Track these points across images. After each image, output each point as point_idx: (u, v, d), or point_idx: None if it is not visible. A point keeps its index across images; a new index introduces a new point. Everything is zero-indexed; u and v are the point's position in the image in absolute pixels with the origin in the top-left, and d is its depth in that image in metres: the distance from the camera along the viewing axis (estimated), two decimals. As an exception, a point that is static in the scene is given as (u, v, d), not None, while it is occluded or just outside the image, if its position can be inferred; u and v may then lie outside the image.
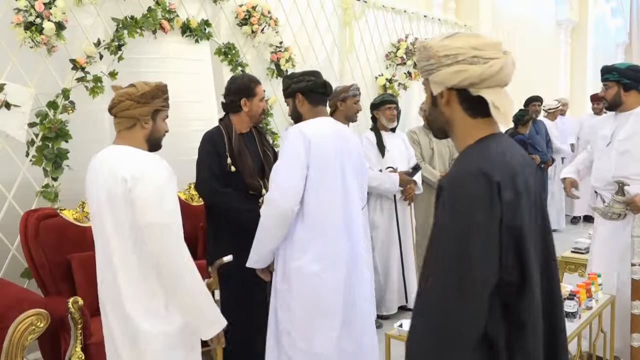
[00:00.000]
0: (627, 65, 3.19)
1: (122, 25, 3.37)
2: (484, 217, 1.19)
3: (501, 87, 1.32)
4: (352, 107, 3.98)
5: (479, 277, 1.20)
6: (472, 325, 1.21)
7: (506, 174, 1.24)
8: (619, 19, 12.09)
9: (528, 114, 6.26)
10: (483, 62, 1.28)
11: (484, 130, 1.34)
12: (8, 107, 2.96)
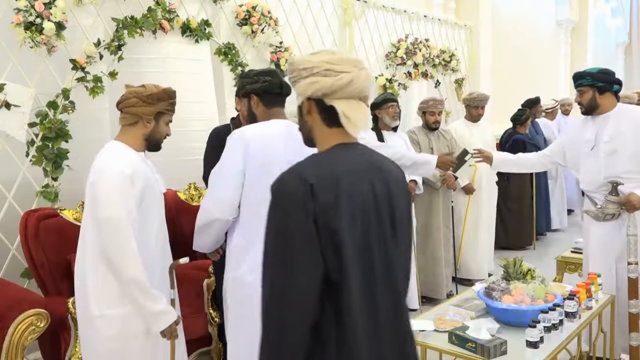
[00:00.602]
0: (597, 69, 3.26)
1: (122, 25, 3.38)
2: (299, 214, 1.31)
3: (355, 99, 1.44)
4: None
5: (300, 269, 1.30)
6: (299, 317, 1.32)
7: (326, 178, 1.35)
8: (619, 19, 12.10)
9: (525, 114, 6.26)
10: (334, 75, 1.40)
11: (337, 139, 1.46)
12: (8, 107, 2.96)
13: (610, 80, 3.20)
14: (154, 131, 2.28)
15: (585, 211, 3.31)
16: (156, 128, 2.28)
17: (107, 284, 2.16)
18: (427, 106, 4.74)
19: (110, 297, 2.16)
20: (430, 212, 4.68)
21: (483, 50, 6.95)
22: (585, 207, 3.32)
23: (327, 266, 1.33)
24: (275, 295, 1.34)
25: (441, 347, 2.48)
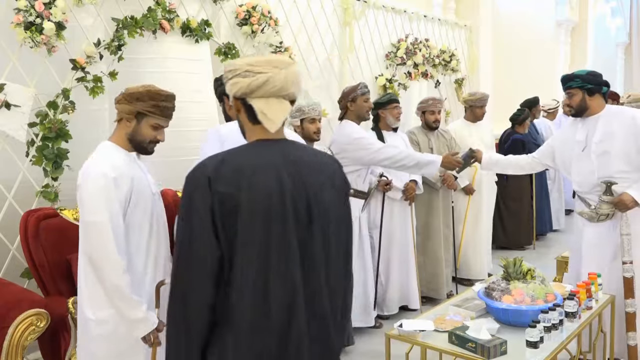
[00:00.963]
0: (586, 71, 3.28)
1: (122, 25, 3.37)
2: (198, 203, 1.45)
3: (275, 97, 1.56)
4: (363, 105, 4.01)
5: (196, 254, 1.46)
6: (198, 297, 1.46)
7: (227, 172, 1.48)
8: (618, 19, 12.10)
9: (524, 114, 6.26)
10: (252, 75, 1.53)
11: (259, 135, 1.59)
12: (8, 107, 2.96)
13: (599, 82, 3.23)
14: (134, 132, 2.27)
15: (579, 213, 3.31)
16: (137, 129, 2.27)
17: (96, 285, 2.18)
18: (427, 105, 4.74)
19: (100, 299, 2.18)
20: (431, 212, 4.68)
21: (483, 50, 6.95)
22: (579, 209, 3.33)
23: (222, 254, 1.46)
24: (178, 276, 1.48)
25: (441, 347, 2.48)
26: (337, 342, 1.65)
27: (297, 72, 1.60)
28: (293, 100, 1.62)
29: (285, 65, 1.58)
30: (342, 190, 1.64)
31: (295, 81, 1.59)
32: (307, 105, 3.63)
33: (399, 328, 2.57)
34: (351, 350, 3.84)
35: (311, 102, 3.68)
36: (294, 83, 1.58)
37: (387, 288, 4.37)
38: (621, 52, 12.42)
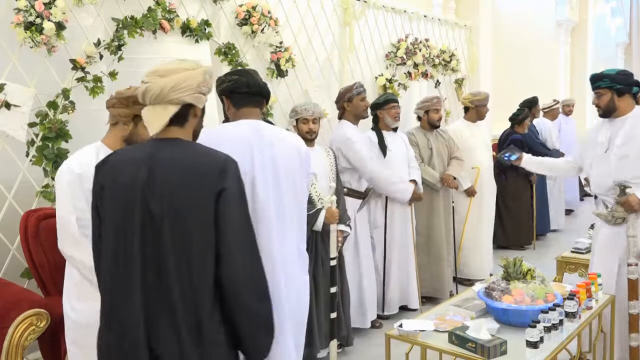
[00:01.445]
0: (616, 70, 3.20)
1: (122, 25, 3.37)
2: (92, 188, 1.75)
3: (154, 104, 1.73)
4: (359, 104, 4.03)
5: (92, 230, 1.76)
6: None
7: (107, 165, 1.72)
8: (619, 19, 12.10)
9: (523, 114, 6.26)
10: (142, 85, 1.74)
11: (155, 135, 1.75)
12: (8, 107, 2.96)
13: (629, 82, 3.13)
14: (132, 134, 2.33)
15: (596, 214, 3.29)
16: (135, 131, 2.33)
17: (70, 278, 2.30)
18: (432, 104, 4.74)
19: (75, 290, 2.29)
20: (432, 212, 4.68)
21: (483, 50, 6.95)
22: (596, 211, 3.31)
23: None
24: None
25: (441, 347, 2.48)
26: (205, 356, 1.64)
27: (181, 77, 1.72)
28: (183, 103, 1.73)
29: (169, 72, 1.73)
30: (211, 191, 1.65)
31: (177, 87, 1.71)
32: (299, 106, 3.63)
33: (399, 328, 2.57)
34: (351, 350, 3.84)
35: (305, 103, 3.67)
36: (173, 89, 1.71)
37: (387, 288, 4.37)
38: (621, 52, 12.42)
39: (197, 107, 1.82)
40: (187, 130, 1.80)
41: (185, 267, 1.63)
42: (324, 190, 3.52)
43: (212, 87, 1.87)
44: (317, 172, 3.56)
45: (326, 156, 3.72)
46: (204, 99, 1.83)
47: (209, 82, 1.84)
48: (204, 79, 1.80)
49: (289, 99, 4.45)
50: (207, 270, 1.64)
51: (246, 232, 1.71)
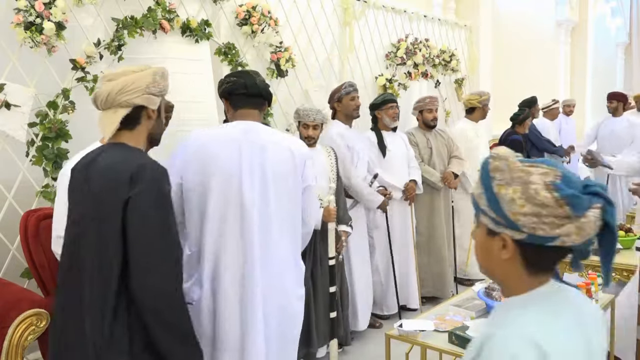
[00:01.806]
0: None
1: (122, 25, 3.37)
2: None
3: (105, 109, 1.80)
4: (349, 104, 4.03)
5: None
6: None
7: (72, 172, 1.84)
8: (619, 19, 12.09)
9: (524, 114, 6.27)
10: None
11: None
12: (8, 107, 2.96)
13: None
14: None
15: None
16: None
17: None
18: (425, 104, 4.75)
19: None
20: (433, 212, 4.69)
21: (483, 50, 6.95)
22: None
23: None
24: None
25: (441, 347, 2.48)
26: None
27: (129, 79, 1.75)
28: (133, 105, 1.77)
29: (117, 76, 1.77)
30: (120, 198, 1.65)
31: (125, 89, 1.74)
32: (302, 110, 3.61)
33: (399, 328, 2.57)
34: (351, 350, 3.84)
35: (309, 108, 3.62)
36: (121, 92, 1.74)
37: (387, 288, 4.37)
38: (621, 52, 12.41)
39: (150, 108, 1.82)
40: (138, 134, 1.82)
41: (97, 274, 1.65)
42: (323, 191, 3.52)
43: (165, 88, 1.87)
44: (317, 173, 3.56)
45: (327, 156, 3.72)
46: (156, 100, 1.83)
47: (161, 83, 1.83)
48: (154, 80, 1.81)
49: (289, 99, 4.45)
50: (112, 279, 1.64)
51: (158, 242, 1.66)
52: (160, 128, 1.92)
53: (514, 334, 1.05)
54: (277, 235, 2.18)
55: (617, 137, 6.47)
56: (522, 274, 1.13)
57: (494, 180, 1.12)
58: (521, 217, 1.07)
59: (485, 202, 1.13)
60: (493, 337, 1.07)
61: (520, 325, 1.07)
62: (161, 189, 1.69)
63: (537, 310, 1.09)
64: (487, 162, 1.15)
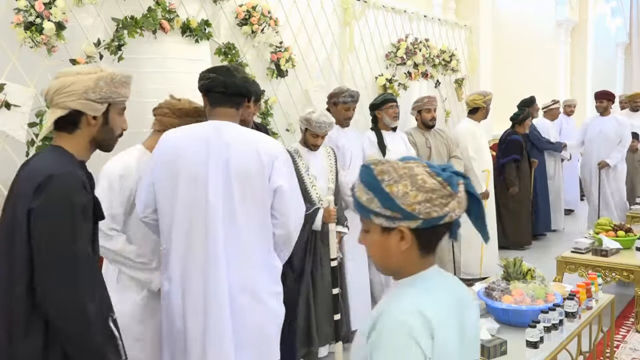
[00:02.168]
0: None
1: (122, 25, 3.37)
2: None
3: (49, 109, 1.78)
4: (341, 112, 4.02)
5: None
6: None
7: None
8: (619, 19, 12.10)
9: (523, 114, 6.27)
10: None
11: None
12: (8, 107, 2.96)
13: None
14: None
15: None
16: None
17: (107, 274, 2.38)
18: (423, 104, 4.75)
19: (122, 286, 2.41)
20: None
21: (483, 50, 6.95)
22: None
23: None
24: None
25: (441, 347, 2.48)
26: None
27: (68, 80, 1.71)
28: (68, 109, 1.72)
29: (62, 75, 1.74)
30: (25, 208, 1.62)
31: (61, 91, 1.71)
32: (316, 121, 3.46)
33: (399, 328, 2.56)
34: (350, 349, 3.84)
35: (323, 122, 3.49)
36: (57, 92, 1.72)
37: (387, 288, 4.37)
38: (621, 52, 12.42)
39: (89, 115, 1.74)
40: (77, 138, 1.76)
41: (4, 281, 1.63)
42: (322, 191, 3.52)
43: (113, 95, 1.77)
44: (316, 173, 3.57)
45: (326, 156, 3.71)
46: (96, 106, 1.74)
47: (105, 89, 1.74)
48: (96, 85, 1.72)
49: (289, 99, 4.45)
50: (20, 289, 1.61)
51: (61, 256, 1.61)
52: (108, 134, 1.82)
53: (403, 306, 1.22)
54: (245, 234, 2.18)
55: (605, 137, 6.45)
56: (417, 258, 1.29)
57: (383, 182, 1.24)
58: (417, 206, 1.22)
59: (378, 204, 1.24)
60: (385, 312, 1.22)
61: (409, 298, 1.25)
62: (67, 201, 1.62)
63: (423, 287, 1.28)
64: (369, 169, 1.27)
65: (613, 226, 4.31)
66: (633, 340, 3.89)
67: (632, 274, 3.84)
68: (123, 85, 1.82)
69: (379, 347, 1.19)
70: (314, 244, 3.45)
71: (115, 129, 1.85)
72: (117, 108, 1.83)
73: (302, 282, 3.42)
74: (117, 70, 1.83)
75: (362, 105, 5.04)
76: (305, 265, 3.42)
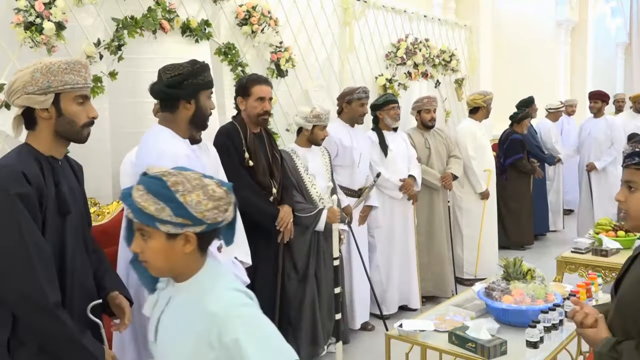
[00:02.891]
0: None
1: (122, 25, 3.37)
2: None
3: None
4: (357, 110, 4.04)
5: None
6: None
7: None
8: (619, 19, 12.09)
9: (522, 113, 6.27)
10: None
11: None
12: (8, 107, 2.96)
13: None
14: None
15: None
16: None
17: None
18: (422, 104, 4.76)
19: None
20: (432, 212, 4.69)
21: (483, 50, 6.95)
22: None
23: None
24: None
25: (441, 347, 2.48)
26: None
27: (12, 79, 1.73)
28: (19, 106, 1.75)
29: (15, 74, 1.74)
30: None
31: (9, 90, 1.74)
32: (324, 114, 3.57)
33: (399, 328, 2.57)
34: (351, 350, 3.84)
35: (327, 110, 3.63)
36: (7, 93, 1.75)
37: (387, 288, 4.37)
38: (621, 52, 12.41)
39: (37, 109, 1.73)
40: (40, 134, 1.78)
41: None
42: (323, 191, 3.52)
43: (46, 84, 1.74)
44: (314, 172, 3.57)
45: (321, 156, 3.73)
46: (36, 99, 1.73)
47: (41, 80, 1.72)
48: (32, 78, 1.71)
49: (289, 99, 4.45)
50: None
51: (7, 242, 1.63)
52: (68, 125, 1.79)
53: (227, 296, 1.40)
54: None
55: (594, 140, 6.39)
56: (197, 258, 1.45)
57: (177, 192, 1.37)
58: (207, 213, 1.38)
59: (170, 213, 1.36)
60: (216, 311, 1.35)
61: (224, 288, 1.43)
62: (3, 192, 1.63)
63: (220, 274, 1.48)
64: (161, 180, 1.38)
65: (613, 226, 4.31)
66: (633, 340, 3.88)
67: (632, 274, 3.84)
68: (66, 72, 1.75)
69: (239, 331, 1.32)
70: (317, 244, 3.46)
71: (76, 119, 1.80)
72: (69, 97, 1.78)
73: (307, 283, 3.42)
74: (58, 59, 1.78)
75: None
76: (309, 267, 3.42)
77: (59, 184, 1.78)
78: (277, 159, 3.22)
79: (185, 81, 2.25)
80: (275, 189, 3.11)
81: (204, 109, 2.31)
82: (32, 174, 1.69)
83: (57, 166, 1.81)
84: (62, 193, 1.78)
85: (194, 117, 2.29)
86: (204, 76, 2.29)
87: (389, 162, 4.32)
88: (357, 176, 4.06)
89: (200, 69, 2.29)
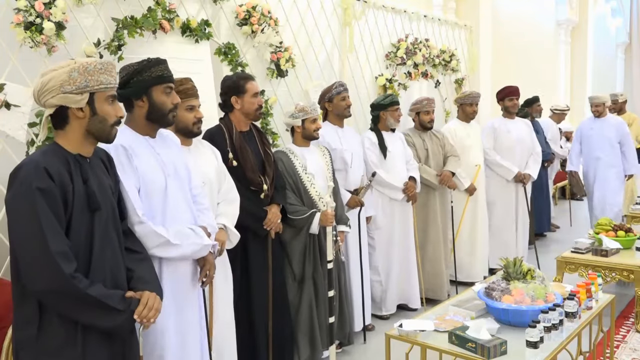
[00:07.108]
0: None
1: (122, 25, 3.37)
2: None
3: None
4: (340, 104, 4.03)
5: None
6: None
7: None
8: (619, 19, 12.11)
9: (522, 112, 6.27)
10: None
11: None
12: (8, 107, 2.96)
13: None
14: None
15: None
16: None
17: None
18: (422, 106, 4.75)
19: None
20: (428, 212, 4.68)
21: (483, 50, 6.95)
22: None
23: None
24: None
25: (441, 347, 2.48)
26: None
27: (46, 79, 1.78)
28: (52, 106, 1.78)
29: (44, 74, 1.76)
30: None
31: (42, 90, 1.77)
32: (309, 106, 3.62)
33: (399, 328, 2.57)
34: (351, 350, 3.84)
35: (312, 103, 3.69)
36: (40, 92, 1.78)
37: (387, 288, 4.36)
38: (621, 52, 12.43)
39: (73, 108, 1.78)
40: (70, 133, 1.83)
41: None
42: (322, 190, 3.52)
43: (84, 84, 1.78)
44: (313, 172, 3.56)
45: (322, 155, 3.71)
46: (73, 98, 1.77)
47: (79, 80, 1.76)
48: (69, 77, 1.75)
49: (289, 99, 4.45)
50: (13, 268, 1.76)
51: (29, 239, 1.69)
52: (100, 124, 1.84)
53: None
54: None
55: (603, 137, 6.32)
56: None
57: None
58: None
59: None
60: None
61: None
62: (26, 184, 1.72)
63: None
64: None
65: (613, 226, 4.31)
66: (633, 340, 3.89)
67: (632, 274, 3.84)
68: (100, 72, 1.81)
69: None
70: (312, 246, 3.45)
71: (108, 118, 1.86)
72: (102, 96, 1.84)
73: (304, 287, 3.42)
74: (92, 59, 1.84)
75: (362, 105, 5.05)
76: (305, 270, 3.41)
77: (88, 180, 1.83)
78: (270, 155, 3.23)
79: (132, 80, 2.26)
80: (267, 185, 3.11)
81: (158, 105, 2.27)
82: (55, 170, 1.76)
83: (85, 164, 1.87)
84: (91, 190, 1.83)
85: (149, 113, 2.28)
86: (152, 72, 2.26)
87: (388, 164, 4.32)
88: (352, 177, 4.04)
89: (148, 65, 2.27)
